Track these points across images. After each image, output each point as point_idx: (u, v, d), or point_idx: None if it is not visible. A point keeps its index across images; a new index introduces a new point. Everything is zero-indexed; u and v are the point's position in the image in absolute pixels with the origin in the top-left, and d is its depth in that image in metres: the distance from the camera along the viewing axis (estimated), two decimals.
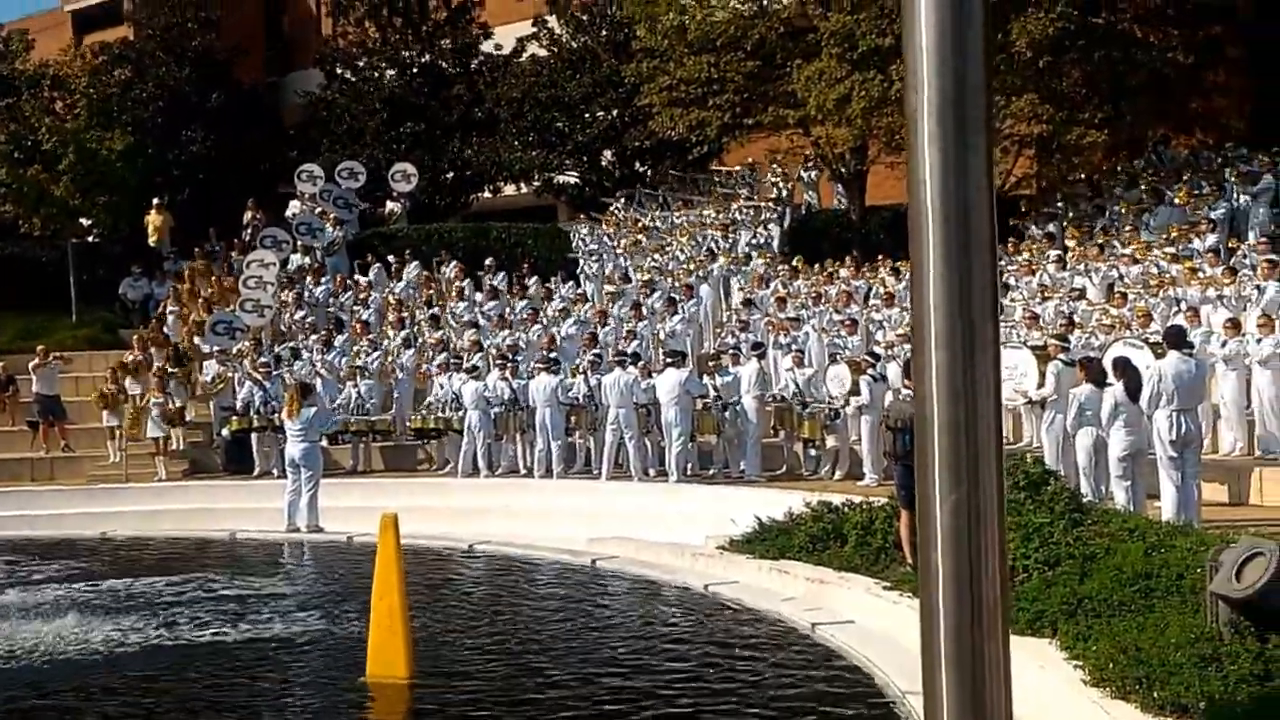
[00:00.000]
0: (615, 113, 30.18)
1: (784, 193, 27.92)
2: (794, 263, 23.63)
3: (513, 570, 14.78)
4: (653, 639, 10.81)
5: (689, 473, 18.58)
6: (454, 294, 25.36)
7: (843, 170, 26.41)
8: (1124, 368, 13.20)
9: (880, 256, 23.29)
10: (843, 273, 22.69)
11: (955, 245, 3.79)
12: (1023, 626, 8.96)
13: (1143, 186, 23.42)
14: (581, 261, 27.05)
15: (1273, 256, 17.90)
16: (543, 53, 32.51)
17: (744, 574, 12.45)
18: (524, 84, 31.52)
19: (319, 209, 28.85)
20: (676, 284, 23.46)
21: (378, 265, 26.96)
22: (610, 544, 14.96)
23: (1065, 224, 23.38)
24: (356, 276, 26.61)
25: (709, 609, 11.80)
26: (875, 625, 10.12)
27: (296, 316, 24.96)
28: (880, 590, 10.69)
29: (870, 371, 17.40)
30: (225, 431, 21.68)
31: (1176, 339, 12.91)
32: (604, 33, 31.07)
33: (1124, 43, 23.93)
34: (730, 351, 19.66)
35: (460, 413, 20.12)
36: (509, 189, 34.13)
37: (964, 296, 3.79)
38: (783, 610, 11.10)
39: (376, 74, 33.82)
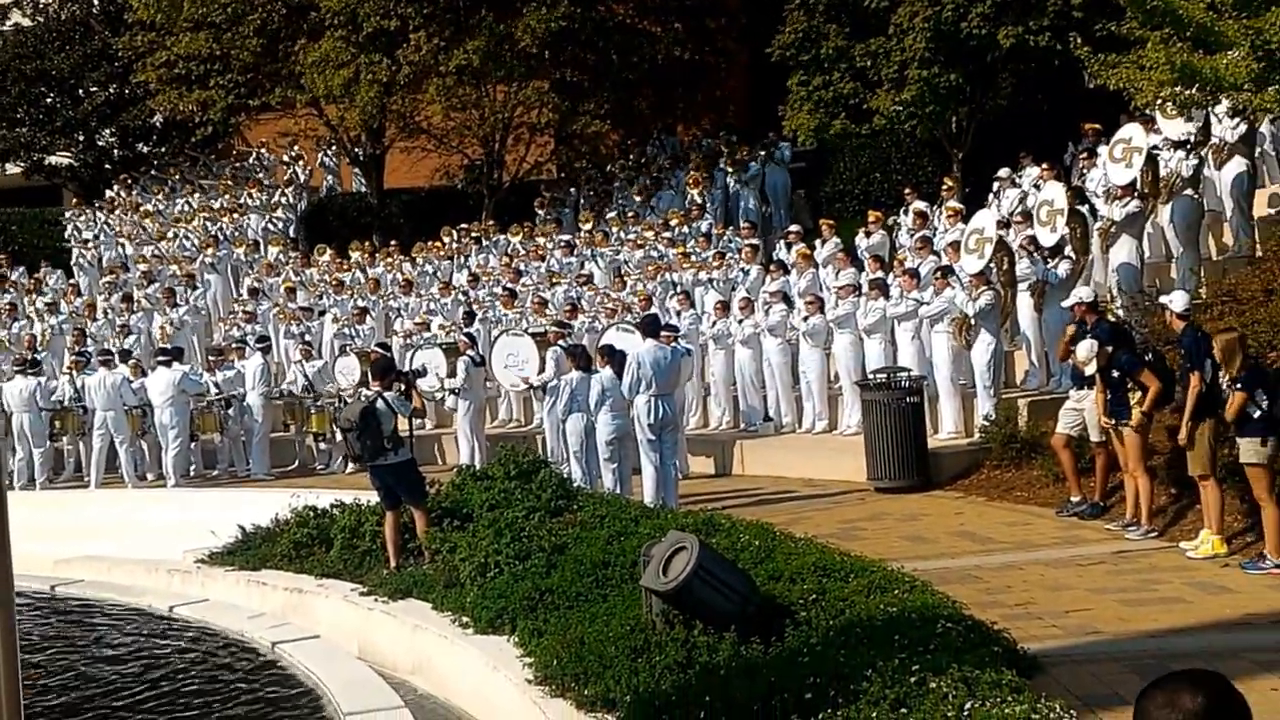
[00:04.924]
0: (113, 89, 27.87)
1: (299, 176, 26.87)
2: (305, 249, 22.78)
3: None
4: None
5: (192, 475, 17.54)
6: None
7: (359, 153, 25.73)
8: (610, 353, 13.55)
9: (394, 243, 22.89)
10: (355, 257, 22.06)
11: None
12: (484, 625, 8.86)
13: (645, 175, 24.34)
14: (75, 251, 24.80)
15: (754, 242, 19.08)
16: (27, 22, 29.48)
17: (218, 589, 11.70)
18: (7, 55, 28.48)
19: None
20: (179, 273, 21.98)
21: None
22: (77, 565, 13.66)
23: (580, 210, 23.91)
24: None
25: (165, 632, 10.92)
26: (342, 636, 9.71)
27: None
28: (356, 597, 10.29)
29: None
30: None
31: (651, 327, 13.32)
32: (95, 2, 28.60)
33: (627, 35, 24.63)
34: (235, 345, 18.70)
35: None
36: None
37: None
38: (247, 628, 10.47)
39: None
